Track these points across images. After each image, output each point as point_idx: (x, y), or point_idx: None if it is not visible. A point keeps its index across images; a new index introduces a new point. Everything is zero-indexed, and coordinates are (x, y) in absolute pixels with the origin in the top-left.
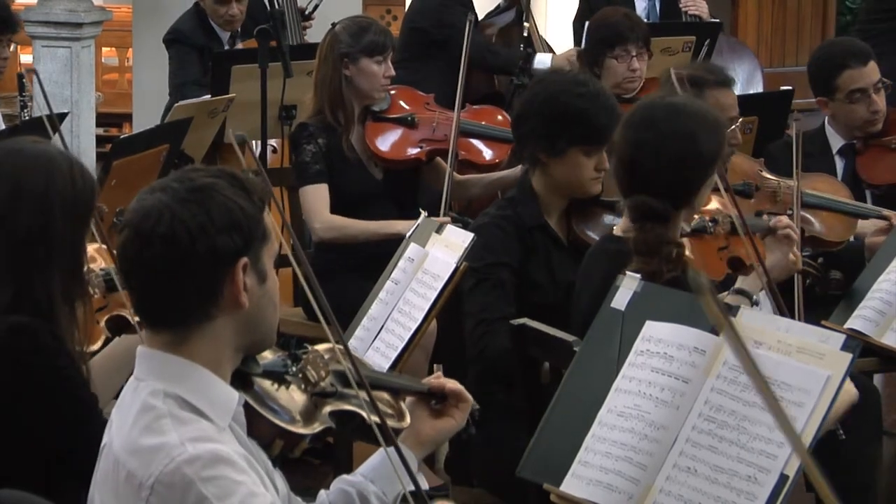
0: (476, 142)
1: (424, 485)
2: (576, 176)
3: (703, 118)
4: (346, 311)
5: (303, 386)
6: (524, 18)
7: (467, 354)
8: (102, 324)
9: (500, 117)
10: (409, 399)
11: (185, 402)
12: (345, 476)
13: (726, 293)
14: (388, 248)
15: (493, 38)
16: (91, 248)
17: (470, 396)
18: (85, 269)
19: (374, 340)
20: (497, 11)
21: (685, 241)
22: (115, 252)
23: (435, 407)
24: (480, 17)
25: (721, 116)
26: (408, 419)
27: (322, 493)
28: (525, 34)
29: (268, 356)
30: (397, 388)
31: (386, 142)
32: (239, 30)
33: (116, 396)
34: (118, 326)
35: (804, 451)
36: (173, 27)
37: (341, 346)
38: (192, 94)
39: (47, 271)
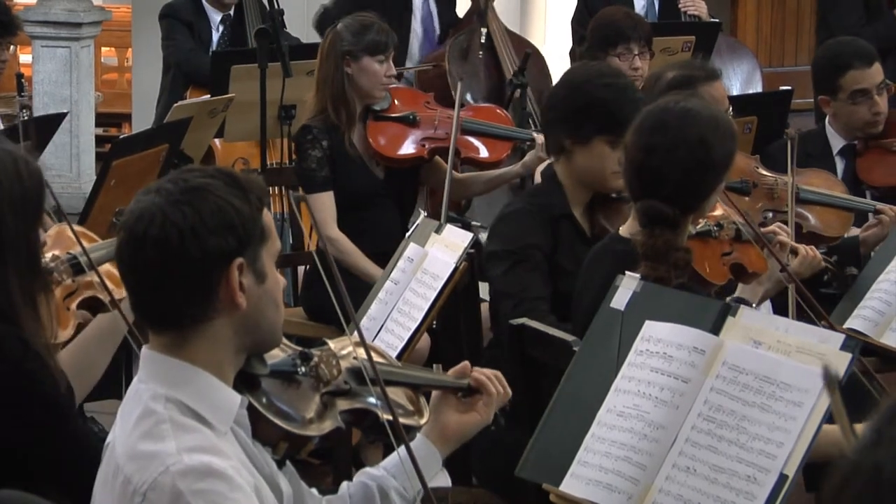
0: (477, 139)
1: (446, 482)
2: (599, 167)
3: (715, 124)
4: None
5: (314, 384)
6: (482, 23)
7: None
8: (74, 307)
9: (501, 115)
10: (435, 393)
11: (187, 408)
12: (368, 469)
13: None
14: (387, 249)
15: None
16: (53, 231)
17: (494, 389)
18: (41, 262)
19: (373, 340)
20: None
21: (688, 243)
22: (74, 231)
23: (464, 400)
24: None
25: (732, 122)
26: (426, 416)
27: (344, 484)
28: (482, 39)
29: (277, 355)
30: (420, 383)
31: (388, 140)
32: (231, 14)
33: (104, 383)
34: (92, 308)
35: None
36: (166, 3)
37: (357, 340)
38: (201, 61)
39: (3, 271)
